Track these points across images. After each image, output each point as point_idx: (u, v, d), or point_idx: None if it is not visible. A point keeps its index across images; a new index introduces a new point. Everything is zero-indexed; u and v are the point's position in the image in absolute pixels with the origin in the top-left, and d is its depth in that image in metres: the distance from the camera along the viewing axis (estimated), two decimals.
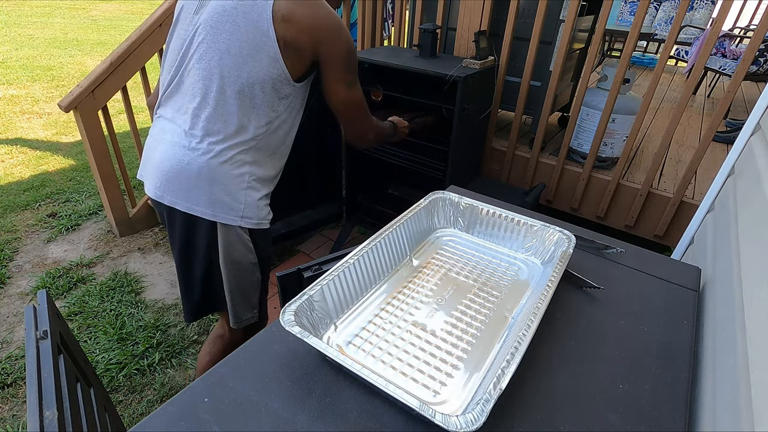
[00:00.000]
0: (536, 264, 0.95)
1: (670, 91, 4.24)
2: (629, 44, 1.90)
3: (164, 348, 1.88)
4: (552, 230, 0.94)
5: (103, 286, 2.21)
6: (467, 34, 2.31)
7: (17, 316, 2.02)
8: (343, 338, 0.74)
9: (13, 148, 3.63)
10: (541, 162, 2.36)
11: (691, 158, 1.90)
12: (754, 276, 0.73)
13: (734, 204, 1.09)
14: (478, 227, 1.02)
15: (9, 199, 2.91)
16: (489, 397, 0.55)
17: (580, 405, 0.64)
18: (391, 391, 0.55)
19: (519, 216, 0.98)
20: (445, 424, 0.52)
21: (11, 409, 1.61)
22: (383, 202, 2.64)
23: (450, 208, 1.04)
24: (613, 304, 0.84)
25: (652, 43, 5.83)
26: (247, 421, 0.59)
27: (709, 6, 5.00)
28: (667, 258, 1.02)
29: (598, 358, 0.72)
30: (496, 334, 0.76)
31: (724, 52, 3.87)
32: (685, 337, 0.77)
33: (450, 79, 1.83)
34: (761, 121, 1.19)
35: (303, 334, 0.62)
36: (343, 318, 0.77)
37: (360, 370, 0.59)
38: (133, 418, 1.61)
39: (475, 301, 0.83)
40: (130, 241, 2.55)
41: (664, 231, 2.10)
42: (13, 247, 2.47)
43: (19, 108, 4.48)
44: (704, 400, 0.71)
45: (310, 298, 0.71)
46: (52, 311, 0.77)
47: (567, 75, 2.44)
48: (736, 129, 3.03)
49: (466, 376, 0.68)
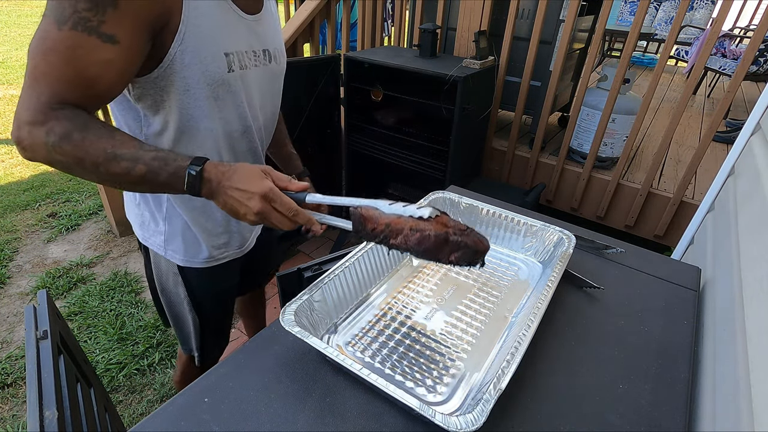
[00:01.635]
0: (536, 264, 0.95)
1: (670, 91, 4.24)
2: (629, 44, 1.90)
3: (164, 348, 1.88)
4: (552, 230, 0.94)
5: (103, 286, 2.21)
6: (467, 34, 2.31)
7: (17, 316, 2.02)
8: (343, 339, 0.74)
9: (13, 148, 3.63)
10: (541, 162, 2.36)
11: (691, 158, 1.90)
12: (754, 276, 0.73)
13: (734, 204, 1.09)
14: (478, 227, 1.02)
15: (9, 199, 2.91)
16: (489, 397, 0.55)
17: (580, 405, 0.64)
18: (391, 392, 0.55)
19: (519, 216, 0.98)
20: (445, 424, 0.52)
21: (11, 409, 1.61)
22: None
23: (450, 208, 1.04)
24: (613, 304, 0.84)
25: (652, 43, 5.83)
26: (247, 421, 0.59)
27: (709, 6, 5.00)
28: (667, 258, 1.02)
29: (598, 358, 0.72)
30: (496, 334, 0.76)
31: (724, 52, 3.86)
32: (685, 337, 0.77)
33: (450, 79, 1.83)
34: (761, 121, 1.19)
35: (303, 334, 0.62)
36: (343, 318, 0.77)
37: (360, 370, 0.59)
38: (133, 418, 1.61)
39: (475, 301, 0.83)
40: (130, 241, 2.55)
41: (664, 231, 2.10)
42: (13, 247, 2.47)
43: None
44: (704, 400, 0.71)
45: (310, 298, 0.71)
46: (52, 311, 0.77)
47: (567, 75, 2.44)
48: (736, 129, 3.03)
49: (466, 376, 0.68)
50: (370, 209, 0.64)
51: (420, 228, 0.59)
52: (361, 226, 0.64)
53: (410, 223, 0.59)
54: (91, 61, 0.61)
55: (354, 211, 0.67)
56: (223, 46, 0.76)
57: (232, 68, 0.79)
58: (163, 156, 0.66)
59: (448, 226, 0.60)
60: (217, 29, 0.75)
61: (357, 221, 0.65)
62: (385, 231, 0.60)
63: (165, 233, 0.91)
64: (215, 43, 0.75)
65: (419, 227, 0.59)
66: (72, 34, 0.58)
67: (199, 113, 0.79)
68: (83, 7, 0.58)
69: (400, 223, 0.60)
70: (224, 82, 0.78)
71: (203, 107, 0.78)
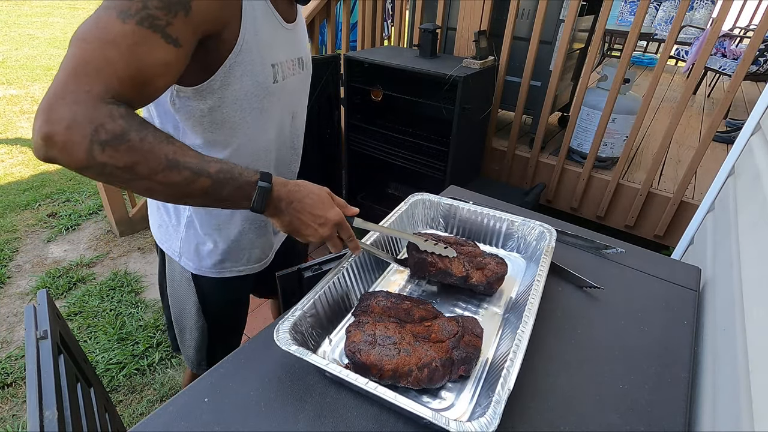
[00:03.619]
0: (519, 259, 0.95)
1: (670, 91, 4.24)
2: (629, 44, 1.90)
3: (164, 348, 1.88)
4: (533, 225, 0.94)
5: (103, 286, 2.20)
6: (467, 34, 2.31)
7: (17, 316, 2.02)
8: (339, 351, 0.72)
9: (13, 148, 3.63)
10: (541, 162, 2.36)
11: (691, 158, 1.90)
12: (754, 276, 0.73)
13: (734, 204, 1.09)
14: (459, 226, 1.02)
15: (9, 199, 2.91)
16: (499, 398, 0.55)
17: (580, 405, 0.64)
18: (401, 404, 0.54)
19: (500, 213, 0.98)
20: (460, 430, 0.52)
21: (11, 409, 1.61)
22: (383, 202, 2.64)
23: (430, 210, 1.04)
24: (613, 304, 0.84)
25: (652, 43, 5.83)
26: (247, 421, 0.59)
27: (709, 6, 5.00)
28: (667, 258, 1.02)
29: (598, 358, 0.72)
30: (492, 332, 0.76)
31: (724, 52, 3.86)
32: (685, 338, 0.77)
33: (450, 79, 1.83)
34: (761, 121, 1.19)
35: (302, 352, 0.61)
36: (336, 331, 0.76)
37: (366, 384, 0.57)
38: (133, 418, 1.61)
39: (467, 301, 0.83)
40: (130, 241, 2.55)
41: (664, 231, 2.10)
42: (13, 247, 2.47)
43: (19, 108, 4.48)
44: (704, 400, 0.71)
45: (303, 314, 0.69)
46: (52, 311, 0.76)
47: (567, 75, 2.44)
48: (736, 129, 3.03)
49: (468, 377, 0.68)
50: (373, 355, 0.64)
51: (426, 363, 0.63)
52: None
53: (414, 360, 0.63)
54: (151, 61, 0.57)
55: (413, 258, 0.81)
56: (270, 57, 0.75)
57: (276, 79, 0.77)
58: (228, 169, 0.62)
59: (443, 341, 0.66)
60: (269, 39, 0.73)
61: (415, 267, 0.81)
62: (393, 375, 0.63)
63: (182, 240, 0.89)
64: (265, 54, 0.73)
65: (425, 363, 0.63)
66: (137, 29, 0.55)
67: (244, 125, 0.77)
68: (155, 5, 0.55)
69: (406, 366, 0.63)
70: (270, 93, 0.77)
71: (248, 119, 0.76)
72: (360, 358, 0.62)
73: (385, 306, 0.73)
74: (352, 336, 0.66)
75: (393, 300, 0.74)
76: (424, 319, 0.71)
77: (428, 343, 0.65)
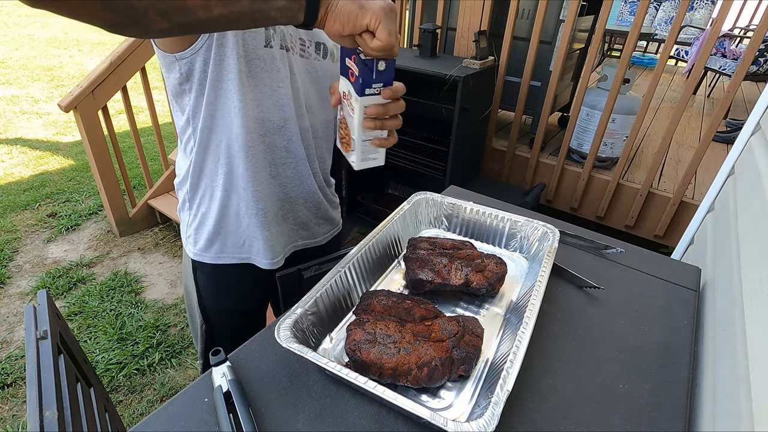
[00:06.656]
0: (521, 260, 0.95)
1: (670, 91, 4.24)
2: (629, 44, 1.90)
3: (164, 348, 1.88)
4: (536, 225, 0.94)
5: (103, 286, 2.20)
6: (467, 34, 2.31)
7: (17, 316, 2.02)
8: (340, 349, 0.72)
9: (13, 148, 3.63)
10: (541, 162, 2.36)
11: (691, 158, 1.90)
12: (754, 276, 0.73)
13: (734, 204, 1.09)
14: (462, 226, 1.02)
15: (9, 199, 2.91)
16: (498, 399, 0.55)
17: (580, 405, 0.64)
18: (400, 404, 0.54)
19: (503, 213, 0.97)
20: (458, 430, 0.52)
21: (11, 409, 1.61)
22: (383, 202, 2.64)
23: (433, 209, 1.04)
24: (613, 304, 0.84)
25: (652, 43, 5.83)
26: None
27: (709, 6, 5.01)
28: (667, 258, 1.02)
29: (598, 358, 0.72)
30: (493, 332, 0.76)
31: (724, 52, 3.87)
32: (685, 337, 0.77)
33: (450, 79, 1.83)
34: (761, 121, 1.19)
35: (302, 350, 0.60)
36: (337, 329, 0.76)
37: (365, 383, 0.57)
38: (133, 418, 1.61)
39: (468, 301, 0.83)
40: (130, 241, 2.55)
41: (664, 231, 2.10)
42: (13, 247, 2.47)
43: (19, 108, 4.48)
44: (704, 400, 0.71)
45: (304, 312, 0.69)
46: (52, 311, 0.76)
47: (567, 75, 2.44)
48: (736, 129, 3.03)
49: (468, 377, 0.68)
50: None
51: (426, 362, 0.62)
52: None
53: (414, 359, 0.62)
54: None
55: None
56: None
57: (270, 44, 0.72)
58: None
59: (443, 340, 0.66)
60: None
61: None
62: (392, 374, 0.62)
63: (187, 224, 0.89)
64: None
65: (425, 361, 0.62)
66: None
67: (231, 88, 0.73)
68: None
69: (406, 364, 0.62)
70: (259, 57, 0.72)
71: (234, 81, 0.72)
72: (360, 356, 0.62)
73: (386, 305, 0.73)
74: (352, 334, 0.66)
75: (394, 299, 0.74)
76: (425, 318, 0.71)
77: (428, 343, 0.65)
